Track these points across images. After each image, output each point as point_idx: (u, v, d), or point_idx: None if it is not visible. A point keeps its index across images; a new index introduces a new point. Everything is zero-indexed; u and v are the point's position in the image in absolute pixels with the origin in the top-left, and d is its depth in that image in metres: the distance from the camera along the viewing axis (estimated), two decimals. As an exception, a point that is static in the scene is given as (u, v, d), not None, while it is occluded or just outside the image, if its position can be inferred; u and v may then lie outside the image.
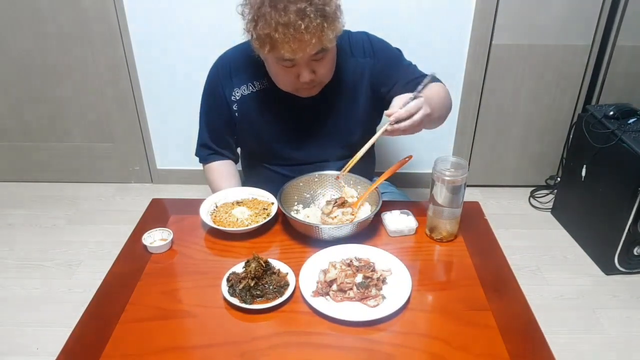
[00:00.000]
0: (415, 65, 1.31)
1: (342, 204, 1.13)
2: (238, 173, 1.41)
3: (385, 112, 1.05)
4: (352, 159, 1.12)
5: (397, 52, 1.32)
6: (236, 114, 1.29)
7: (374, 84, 1.29)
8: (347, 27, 1.19)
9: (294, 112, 1.28)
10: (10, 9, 2.10)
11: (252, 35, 1.08)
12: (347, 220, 1.10)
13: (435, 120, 1.18)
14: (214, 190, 1.33)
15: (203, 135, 1.38)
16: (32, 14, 2.11)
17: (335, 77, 1.22)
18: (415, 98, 1.04)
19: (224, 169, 1.38)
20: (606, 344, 1.61)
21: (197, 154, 1.41)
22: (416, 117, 1.02)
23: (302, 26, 1.01)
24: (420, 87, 1.07)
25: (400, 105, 1.02)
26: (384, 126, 1.04)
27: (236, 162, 1.43)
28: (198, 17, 2.07)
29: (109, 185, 2.51)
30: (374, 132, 1.30)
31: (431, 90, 1.17)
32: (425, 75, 1.24)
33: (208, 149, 1.38)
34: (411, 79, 1.24)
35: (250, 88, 1.27)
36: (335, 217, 1.11)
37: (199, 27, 2.09)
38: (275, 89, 1.23)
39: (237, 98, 1.28)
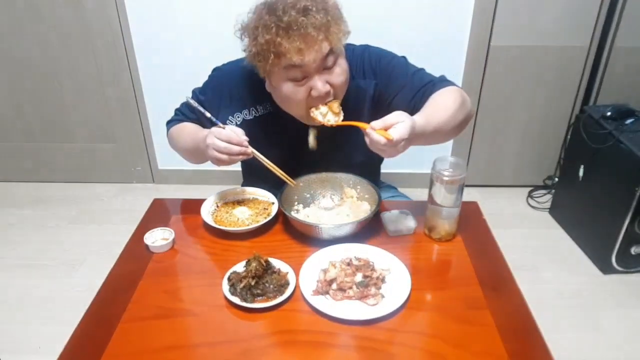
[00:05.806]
0: (422, 70, 1.19)
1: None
2: None
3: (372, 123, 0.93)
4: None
5: (402, 61, 1.20)
6: None
7: (378, 103, 1.19)
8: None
9: (297, 137, 1.18)
10: (11, 9, 2.11)
11: (252, 51, 1.01)
12: (334, 118, 1.07)
13: (437, 136, 1.10)
14: (185, 141, 1.22)
15: (182, 109, 1.28)
16: (33, 15, 2.12)
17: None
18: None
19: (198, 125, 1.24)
20: (604, 342, 1.62)
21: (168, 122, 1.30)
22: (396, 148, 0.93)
23: (306, 22, 0.96)
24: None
25: (383, 125, 0.91)
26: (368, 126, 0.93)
27: None
28: (199, 18, 2.08)
29: (110, 186, 2.52)
30: (373, 156, 1.04)
31: (436, 106, 1.08)
32: (433, 81, 1.14)
33: (182, 115, 1.27)
34: (419, 88, 1.13)
35: (253, 112, 1.20)
36: (326, 114, 1.06)
37: (201, 28, 2.10)
38: (279, 113, 1.16)
39: (239, 122, 1.20)
